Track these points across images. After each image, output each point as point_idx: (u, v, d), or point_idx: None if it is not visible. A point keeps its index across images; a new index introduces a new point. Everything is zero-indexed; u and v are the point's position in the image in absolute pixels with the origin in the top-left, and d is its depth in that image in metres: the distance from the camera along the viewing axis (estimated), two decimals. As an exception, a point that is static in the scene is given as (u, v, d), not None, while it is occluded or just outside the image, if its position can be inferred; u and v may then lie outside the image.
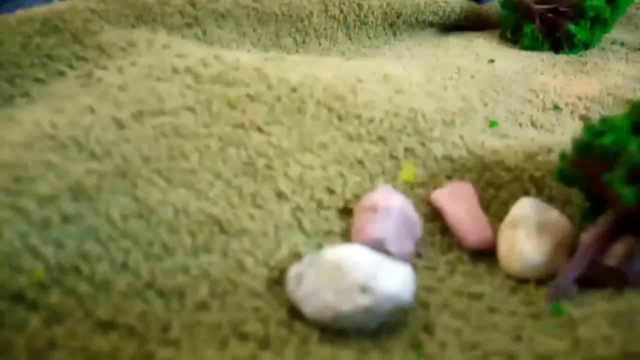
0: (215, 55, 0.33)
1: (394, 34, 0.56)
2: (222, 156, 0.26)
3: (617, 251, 0.22)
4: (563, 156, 0.25)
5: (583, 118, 0.31)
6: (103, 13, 0.38)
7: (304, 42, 0.49)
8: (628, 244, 0.22)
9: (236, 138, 0.27)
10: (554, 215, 0.25)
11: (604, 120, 0.24)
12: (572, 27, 0.53)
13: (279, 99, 0.30)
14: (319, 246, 0.25)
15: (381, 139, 0.30)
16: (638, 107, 0.24)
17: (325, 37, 0.50)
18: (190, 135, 0.26)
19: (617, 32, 0.61)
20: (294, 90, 0.31)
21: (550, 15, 0.54)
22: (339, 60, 0.44)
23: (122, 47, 0.35)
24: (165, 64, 0.32)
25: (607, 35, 0.58)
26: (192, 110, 0.28)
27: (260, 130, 0.28)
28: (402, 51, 0.52)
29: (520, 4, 0.55)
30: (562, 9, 0.53)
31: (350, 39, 0.52)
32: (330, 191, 0.27)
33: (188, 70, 0.31)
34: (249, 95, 0.30)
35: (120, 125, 0.26)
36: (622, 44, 0.58)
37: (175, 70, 0.31)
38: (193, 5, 0.42)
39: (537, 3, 0.54)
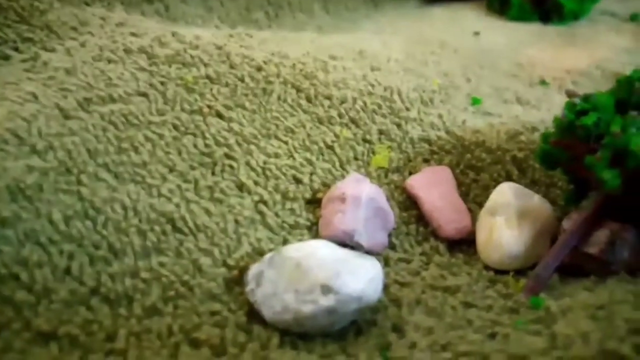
0: (173, 33, 0.32)
1: (375, 6, 0.54)
2: (177, 146, 0.25)
3: (600, 238, 0.21)
4: (545, 136, 0.24)
5: (568, 93, 0.30)
6: (53, -11, 0.36)
7: (277, 16, 0.47)
8: (611, 230, 0.21)
9: (193, 125, 0.26)
10: (535, 201, 0.24)
11: (586, 97, 0.22)
12: (561, -4, 0.51)
13: (241, 79, 0.29)
14: (285, 241, 0.23)
15: (353, 121, 0.29)
16: (623, 83, 0.23)
17: (301, 11, 0.48)
18: (142, 124, 0.25)
19: (607, 2, 0.60)
20: (258, 69, 0.30)
21: (537, -16, 0.52)
22: (312, 35, 0.42)
23: (72, 27, 0.33)
24: (117, 44, 0.30)
25: (597, 5, 0.57)
26: (144, 95, 0.26)
27: (220, 115, 0.27)
28: (383, 25, 0.50)
29: (507, -28, 0.53)
30: (550, -23, 0.52)
31: (327, 12, 0.50)
32: (297, 181, 0.25)
33: (142, 50, 0.29)
34: (208, 77, 0.28)
35: (65, 115, 0.25)
36: (613, 15, 0.56)
37: (128, 51, 0.29)
38: (153, -22, 0.40)
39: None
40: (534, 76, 0.41)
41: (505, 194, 0.24)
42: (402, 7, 0.55)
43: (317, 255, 0.19)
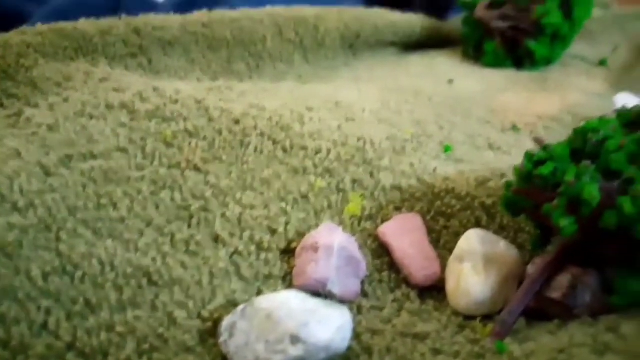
0: (155, 88, 0.33)
1: (354, 55, 0.56)
2: (155, 201, 0.26)
3: (562, 283, 0.22)
4: (508, 185, 0.25)
5: (536, 140, 0.32)
6: (39, 46, 0.37)
7: (257, 66, 0.49)
8: (573, 275, 0.23)
9: (171, 180, 0.27)
10: (501, 247, 0.25)
11: (544, 148, 0.24)
12: (532, 43, 0.54)
13: (219, 132, 0.30)
14: (259, 292, 0.24)
15: (328, 171, 0.30)
16: (579, 133, 0.24)
17: (281, 61, 0.51)
18: (121, 180, 0.26)
19: (578, 47, 0.63)
20: (236, 122, 0.31)
21: (510, 32, 0.55)
22: (292, 85, 0.44)
23: (57, 82, 0.34)
24: (99, 100, 0.31)
25: (568, 50, 0.60)
26: (124, 151, 0.28)
27: (197, 169, 0.28)
28: (361, 73, 0.53)
29: (480, 21, 0.56)
30: (522, 26, 0.54)
31: (307, 61, 0.53)
32: (272, 231, 0.27)
33: (123, 105, 0.31)
34: (187, 131, 0.30)
35: (47, 171, 0.26)
36: (583, 59, 0.59)
37: (109, 107, 0.31)
38: (137, 33, 0.42)
39: (497, 20, 0.55)
40: (507, 122, 0.43)
41: (471, 240, 0.25)
42: (380, 55, 0.58)
43: (287, 306, 0.20)
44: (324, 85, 0.47)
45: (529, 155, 0.24)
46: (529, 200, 0.24)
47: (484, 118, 0.43)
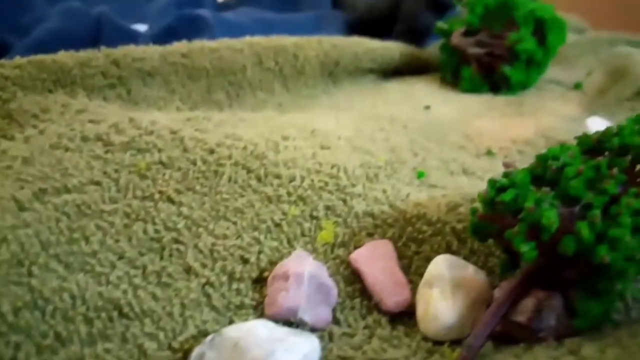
0: (131, 119, 0.34)
1: (334, 82, 0.58)
2: (127, 233, 0.26)
3: (527, 307, 0.23)
4: (473, 211, 0.26)
5: (506, 165, 0.32)
6: (17, 79, 0.38)
7: (237, 95, 0.50)
8: (538, 298, 0.23)
9: (144, 212, 0.27)
10: (470, 271, 0.26)
11: (506, 174, 0.25)
12: (507, 69, 0.55)
13: (194, 163, 0.31)
14: (231, 322, 0.24)
15: (301, 198, 0.31)
16: (540, 160, 0.25)
17: (261, 89, 0.52)
18: (95, 214, 0.27)
19: (553, 71, 0.65)
20: (211, 152, 0.32)
21: (486, 58, 0.57)
22: (270, 114, 0.45)
23: (34, 114, 0.35)
24: (75, 132, 0.32)
25: (544, 74, 0.62)
26: (98, 184, 0.28)
27: (171, 200, 0.28)
28: (339, 100, 0.54)
29: (457, 48, 0.58)
30: (497, 52, 0.56)
31: (287, 89, 0.54)
32: (244, 260, 0.27)
33: (98, 137, 0.31)
34: (161, 162, 0.30)
35: (20, 206, 0.26)
36: (558, 83, 0.61)
37: (85, 139, 0.31)
38: (117, 64, 0.43)
39: (473, 47, 0.57)
40: (481, 147, 0.44)
41: (439, 266, 0.26)
42: (359, 82, 0.59)
43: (255, 335, 0.21)
44: (302, 113, 0.48)
45: (492, 182, 0.25)
46: (495, 226, 0.25)
47: (458, 143, 0.44)
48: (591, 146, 0.25)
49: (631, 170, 0.23)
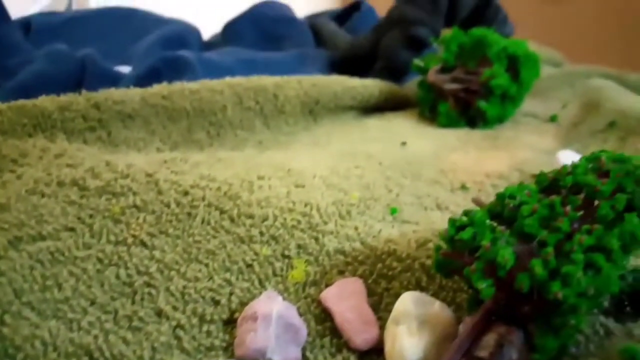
0: (107, 162, 0.35)
1: (314, 119, 0.59)
2: (100, 279, 0.27)
3: (489, 342, 0.24)
4: (437, 248, 0.27)
5: (475, 201, 0.34)
6: (-2, 124, 0.39)
7: (218, 134, 0.51)
8: (499, 333, 0.24)
9: (117, 257, 0.28)
10: (436, 307, 0.27)
11: (466, 213, 0.26)
12: (483, 104, 0.57)
13: (167, 205, 0.32)
14: (200, 363, 0.25)
15: (273, 238, 0.32)
16: (499, 198, 0.26)
17: (242, 128, 0.53)
18: (68, 260, 0.27)
19: (530, 104, 0.67)
20: (185, 194, 0.33)
21: (462, 94, 0.58)
22: (248, 154, 0.46)
23: (13, 159, 0.36)
24: (52, 177, 0.33)
25: (520, 107, 0.64)
26: (72, 230, 0.29)
27: (143, 244, 0.29)
28: (319, 137, 0.55)
29: (433, 85, 0.60)
30: (473, 87, 0.58)
31: (268, 127, 0.55)
32: (216, 302, 0.28)
33: (74, 182, 0.32)
34: (135, 206, 0.31)
35: (-6, 254, 0.27)
36: (535, 116, 0.63)
37: (61, 184, 0.32)
38: (97, 107, 0.44)
39: (449, 83, 0.59)
40: (455, 181, 0.45)
41: (406, 303, 0.27)
42: (340, 119, 0.61)
43: (219, 378, 0.21)
44: (281, 151, 0.49)
45: (451, 221, 0.26)
46: (456, 263, 0.26)
47: (433, 178, 0.45)
48: (547, 184, 0.26)
49: (584, 208, 0.24)
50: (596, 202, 0.24)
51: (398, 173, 0.44)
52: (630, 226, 0.24)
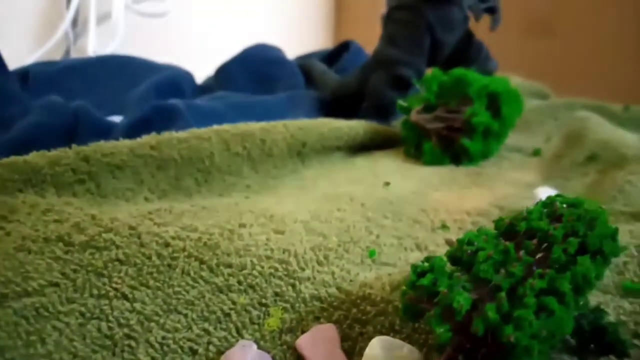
0: (93, 216, 0.37)
1: (302, 161, 0.61)
2: (82, 332, 0.28)
3: (453, 386, 0.25)
4: (403, 293, 0.28)
5: (448, 242, 0.35)
6: (-11, 182, 0.41)
7: (206, 181, 0.53)
8: (463, 377, 0.25)
9: (99, 310, 0.30)
10: (404, 351, 0.28)
11: (427, 259, 0.27)
12: (466, 141, 0.59)
13: (149, 258, 0.33)
14: (176, 413, 0.26)
15: (251, 286, 0.33)
16: (459, 244, 0.28)
17: (230, 173, 0.55)
18: (52, 315, 0.29)
19: (515, 139, 0.69)
20: (166, 245, 0.35)
21: (445, 132, 0.60)
22: (234, 201, 0.48)
23: (2, 216, 0.38)
24: (39, 233, 0.35)
25: (505, 142, 0.65)
26: (57, 285, 0.30)
27: (125, 296, 0.31)
28: (306, 180, 0.57)
29: (417, 124, 0.62)
30: (456, 125, 0.60)
31: (256, 171, 0.57)
32: (194, 352, 0.29)
33: (60, 238, 0.34)
34: (118, 259, 0.33)
35: (-19, 311, 0.28)
36: (519, 151, 0.65)
37: (47, 240, 0.34)
38: (87, 160, 0.46)
39: (432, 122, 0.61)
40: (436, 220, 0.46)
41: (374, 347, 0.28)
42: (328, 159, 0.63)
43: None
44: (267, 196, 0.51)
45: (413, 267, 0.27)
46: (422, 307, 0.27)
47: (414, 218, 0.46)
48: (504, 230, 0.28)
49: (538, 252, 0.26)
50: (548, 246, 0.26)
51: (379, 214, 0.46)
52: (582, 269, 0.25)
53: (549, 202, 0.28)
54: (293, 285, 0.34)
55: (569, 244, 0.25)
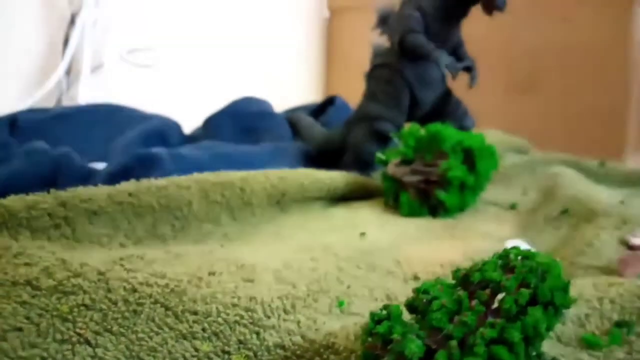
0: (63, 260, 0.37)
1: (282, 210, 0.62)
2: (40, 376, 0.28)
3: None
4: (362, 341, 0.29)
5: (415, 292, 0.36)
6: (-37, 227, 0.42)
7: (183, 228, 0.54)
8: None
9: (60, 355, 0.30)
10: (363, 402, 0.28)
11: (385, 307, 0.28)
12: (442, 194, 0.60)
13: (115, 303, 0.34)
14: None
15: (215, 333, 0.33)
16: (417, 292, 0.29)
17: (207, 221, 0.56)
18: (12, 360, 0.29)
19: (494, 192, 0.70)
20: (133, 291, 0.35)
21: (422, 185, 0.62)
22: (208, 248, 0.48)
23: (-26, 259, 0.38)
24: (7, 276, 0.35)
25: (483, 195, 0.67)
26: (20, 330, 0.31)
27: (88, 342, 0.31)
28: (284, 228, 0.58)
29: (394, 176, 0.64)
30: (432, 178, 0.62)
31: (234, 219, 0.58)
32: (151, 400, 0.29)
33: (28, 282, 0.34)
34: (84, 304, 0.33)
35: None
36: (496, 204, 0.66)
37: (15, 284, 0.34)
38: (64, 205, 0.47)
39: (409, 175, 0.63)
40: (409, 272, 0.47)
41: (332, 398, 0.28)
42: (307, 208, 0.64)
43: None
44: (242, 245, 0.51)
45: (372, 314, 0.28)
46: (380, 354, 0.28)
47: (387, 269, 0.47)
48: (460, 280, 0.28)
49: (490, 303, 0.27)
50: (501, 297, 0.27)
51: (353, 265, 0.46)
52: (532, 319, 0.26)
53: (504, 254, 0.29)
54: (257, 333, 0.34)
55: (520, 294, 0.26)
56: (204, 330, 0.33)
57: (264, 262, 0.43)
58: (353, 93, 0.81)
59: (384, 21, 0.73)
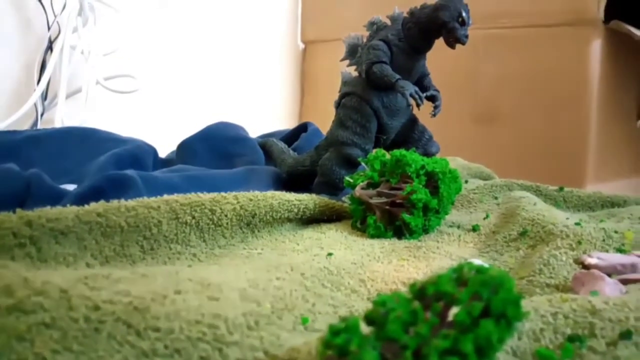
0: (25, 279, 0.36)
1: (252, 232, 0.62)
2: (-8, 395, 0.27)
3: None
4: (320, 352, 0.28)
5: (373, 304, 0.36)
6: None
7: (152, 248, 0.53)
8: None
9: (14, 376, 0.29)
10: (321, 416, 0.28)
11: (343, 319, 0.28)
12: (406, 216, 0.61)
13: (76, 321, 0.33)
14: None
15: (177, 350, 0.33)
16: (375, 304, 0.28)
17: (177, 242, 0.55)
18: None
19: (456, 215, 0.71)
20: (96, 309, 0.34)
21: (388, 207, 0.62)
22: (176, 269, 0.47)
23: None
24: (-34, 294, 0.34)
25: (446, 218, 0.68)
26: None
27: (44, 360, 0.30)
28: (254, 249, 0.57)
29: (361, 199, 0.64)
30: (398, 201, 0.62)
31: (204, 240, 0.57)
32: (109, 416, 0.28)
33: (-13, 300, 0.33)
34: (44, 323, 0.32)
35: None
36: (459, 226, 0.67)
37: (-27, 302, 0.33)
38: (29, 225, 0.46)
39: (375, 198, 0.63)
40: (373, 290, 0.47)
41: (291, 412, 0.27)
42: (278, 230, 0.64)
43: None
44: (210, 265, 0.51)
45: (330, 327, 0.27)
46: (339, 369, 0.27)
47: (352, 288, 0.47)
48: (416, 292, 0.29)
49: (444, 314, 0.27)
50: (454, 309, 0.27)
51: (318, 283, 0.46)
52: (484, 331, 0.26)
53: (458, 268, 0.29)
54: (220, 350, 0.33)
55: (473, 307, 0.26)
56: (165, 347, 0.32)
57: (230, 282, 0.43)
58: (326, 119, 0.82)
59: (352, 52, 0.75)
